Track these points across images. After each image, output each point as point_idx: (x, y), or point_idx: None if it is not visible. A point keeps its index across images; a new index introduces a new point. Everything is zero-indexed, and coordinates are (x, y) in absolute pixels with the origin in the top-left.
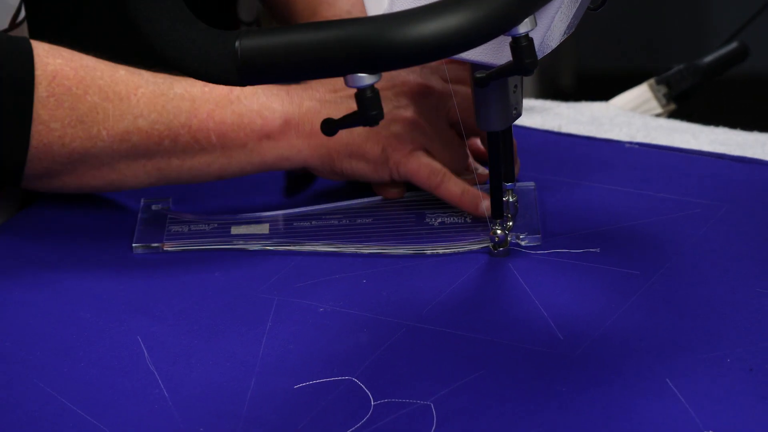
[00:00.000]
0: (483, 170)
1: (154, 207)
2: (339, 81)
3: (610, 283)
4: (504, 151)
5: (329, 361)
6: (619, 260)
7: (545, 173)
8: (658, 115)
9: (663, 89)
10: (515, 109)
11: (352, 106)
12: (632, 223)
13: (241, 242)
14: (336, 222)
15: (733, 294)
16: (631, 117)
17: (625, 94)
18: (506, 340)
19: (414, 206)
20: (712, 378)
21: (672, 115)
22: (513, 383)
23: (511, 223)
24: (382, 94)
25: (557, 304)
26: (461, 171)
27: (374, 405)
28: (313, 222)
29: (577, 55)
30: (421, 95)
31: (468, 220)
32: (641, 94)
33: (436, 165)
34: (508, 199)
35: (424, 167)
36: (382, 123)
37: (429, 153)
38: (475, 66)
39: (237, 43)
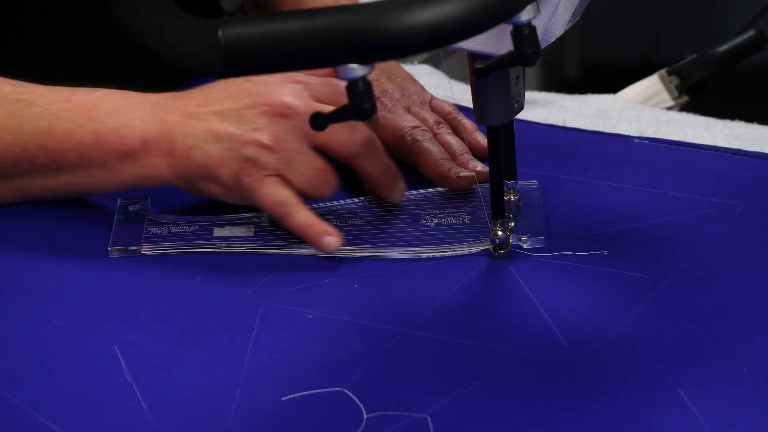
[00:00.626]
0: (483, 167)
1: (131, 208)
2: (209, 95)
3: (617, 288)
4: (505, 147)
5: (319, 370)
6: (627, 263)
7: (549, 170)
8: (669, 108)
9: (675, 80)
10: (517, 102)
11: (217, 125)
12: (641, 224)
13: (224, 245)
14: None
15: (749, 299)
16: (641, 110)
17: (634, 86)
18: (507, 348)
19: (409, 207)
20: (726, 389)
21: (684, 108)
22: (514, 394)
23: (512, 224)
24: (240, 113)
25: (561, 309)
26: (326, 193)
27: (367, 418)
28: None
29: (583, 45)
30: (281, 116)
31: (467, 221)
32: (651, 85)
33: (286, 194)
34: (510, 198)
35: (273, 196)
36: (236, 145)
37: (284, 179)
38: (475, 56)
39: (220, 33)
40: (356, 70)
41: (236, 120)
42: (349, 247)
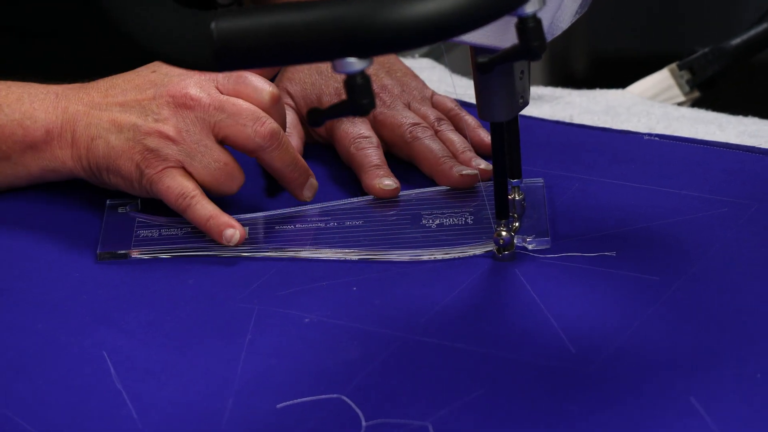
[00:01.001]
0: (486, 165)
1: (120, 209)
2: (115, 86)
3: (626, 291)
4: (509, 144)
5: (316, 377)
6: (637, 265)
7: (555, 168)
8: (680, 104)
9: (686, 75)
10: (522, 97)
11: (119, 115)
12: (651, 224)
13: (216, 248)
14: (322, 225)
15: (763, 302)
16: (651, 106)
17: (643, 81)
18: (512, 355)
19: (409, 206)
20: (741, 396)
21: (696, 103)
22: (519, 403)
23: (517, 224)
24: (143, 104)
25: (569, 314)
26: (230, 188)
27: (365, 426)
28: (297, 225)
29: (591, 37)
30: (185, 108)
31: (469, 221)
32: (662, 80)
33: (188, 186)
34: (514, 197)
35: (174, 188)
36: (138, 136)
37: (186, 171)
38: (478, 50)
39: (213, 25)
40: (354, 64)
41: (139, 111)
42: (347, 249)
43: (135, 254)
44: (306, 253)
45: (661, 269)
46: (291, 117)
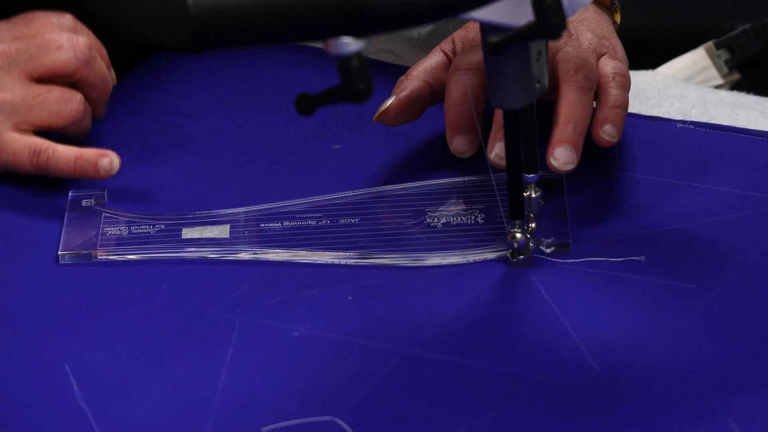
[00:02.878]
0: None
1: (84, 202)
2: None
3: (657, 301)
4: (525, 134)
5: (305, 397)
6: (668, 271)
7: None
8: (717, 87)
9: (724, 54)
10: (539, 81)
11: None
12: (685, 225)
13: (193, 249)
14: (313, 223)
15: None
16: (685, 89)
17: (676, 61)
18: (526, 372)
19: (411, 202)
20: None
21: (735, 86)
22: (534, 426)
23: (533, 225)
24: None
25: (591, 326)
26: (74, 113)
27: None
28: (285, 223)
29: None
30: None
31: (480, 220)
32: (697, 60)
33: (35, 140)
34: (530, 194)
35: (23, 149)
36: None
37: (24, 126)
38: (489, 28)
39: (190, 1)
40: (350, 44)
41: None
42: (341, 251)
43: (101, 255)
44: (295, 256)
45: (696, 276)
46: (436, 60)
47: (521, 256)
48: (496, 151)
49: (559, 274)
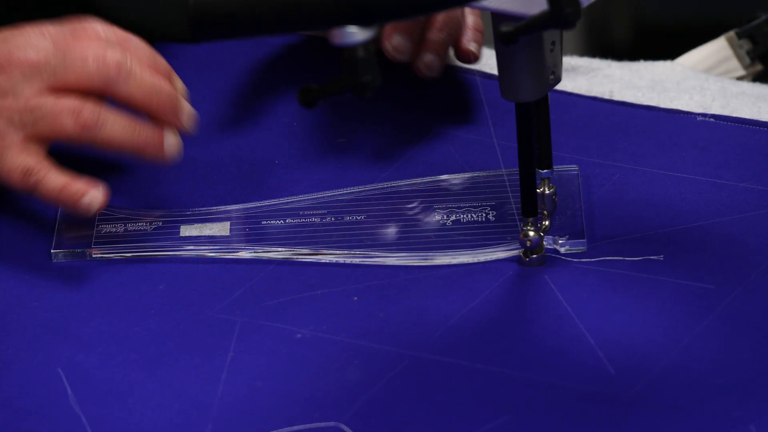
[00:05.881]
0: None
1: None
2: None
3: (676, 302)
4: (538, 128)
5: (309, 402)
6: (688, 271)
7: (592, 155)
8: (739, 78)
9: (746, 44)
10: (552, 72)
11: None
12: (705, 223)
13: (191, 247)
14: (317, 220)
15: None
16: (705, 81)
17: (696, 51)
18: (539, 377)
19: (420, 199)
20: None
21: (758, 78)
22: None
23: (547, 223)
24: None
25: (607, 329)
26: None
27: None
28: (288, 220)
29: (636, 1)
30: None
31: (491, 218)
32: (718, 50)
33: (30, 161)
34: (544, 191)
35: (16, 167)
36: None
37: (34, 138)
38: (500, 17)
39: None
40: (356, 34)
41: None
42: (346, 250)
43: (96, 254)
44: (297, 255)
45: (717, 276)
46: None
47: (534, 255)
48: (394, 43)
49: (573, 274)
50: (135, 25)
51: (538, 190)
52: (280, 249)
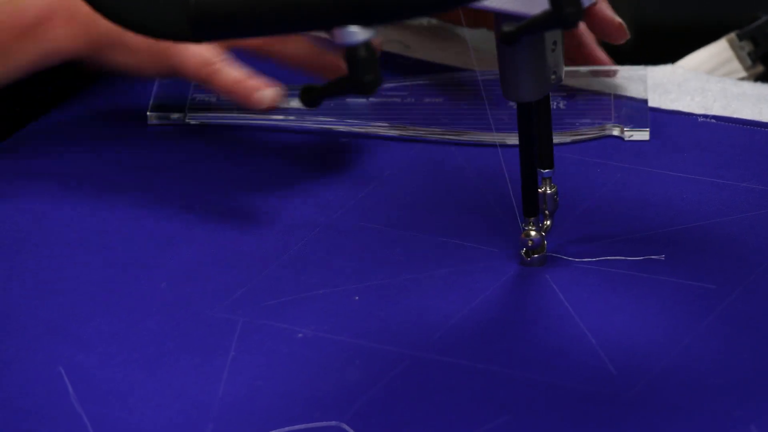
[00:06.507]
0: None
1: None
2: None
3: (677, 301)
4: (539, 128)
5: (310, 402)
6: (688, 271)
7: (593, 156)
8: (741, 80)
9: (747, 46)
10: (554, 73)
11: None
12: (706, 223)
13: (280, 117)
14: (398, 100)
15: None
16: (706, 82)
17: (697, 53)
18: (540, 377)
19: (496, 86)
20: None
21: (759, 78)
22: None
23: (548, 222)
24: None
25: (609, 328)
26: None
27: None
28: (371, 99)
29: (636, 2)
30: None
31: (561, 106)
32: (719, 52)
33: (209, 53)
34: (545, 190)
35: (194, 57)
36: None
37: None
38: (502, 17)
39: None
40: (357, 34)
41: None
42: (425, 126)
43: (190, 119)
44: (364, 128)
45: (717, 276)
46: None
47: (535, 255)
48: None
49: (574, 273)
50: (135, 25)
51: (539, 190)
52: (361, 123)
